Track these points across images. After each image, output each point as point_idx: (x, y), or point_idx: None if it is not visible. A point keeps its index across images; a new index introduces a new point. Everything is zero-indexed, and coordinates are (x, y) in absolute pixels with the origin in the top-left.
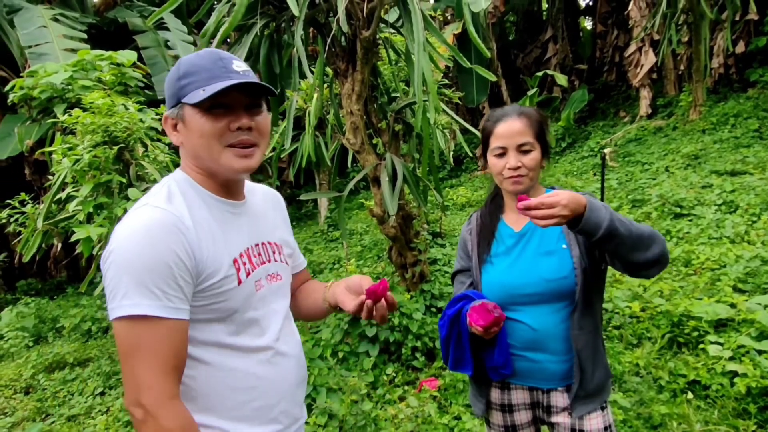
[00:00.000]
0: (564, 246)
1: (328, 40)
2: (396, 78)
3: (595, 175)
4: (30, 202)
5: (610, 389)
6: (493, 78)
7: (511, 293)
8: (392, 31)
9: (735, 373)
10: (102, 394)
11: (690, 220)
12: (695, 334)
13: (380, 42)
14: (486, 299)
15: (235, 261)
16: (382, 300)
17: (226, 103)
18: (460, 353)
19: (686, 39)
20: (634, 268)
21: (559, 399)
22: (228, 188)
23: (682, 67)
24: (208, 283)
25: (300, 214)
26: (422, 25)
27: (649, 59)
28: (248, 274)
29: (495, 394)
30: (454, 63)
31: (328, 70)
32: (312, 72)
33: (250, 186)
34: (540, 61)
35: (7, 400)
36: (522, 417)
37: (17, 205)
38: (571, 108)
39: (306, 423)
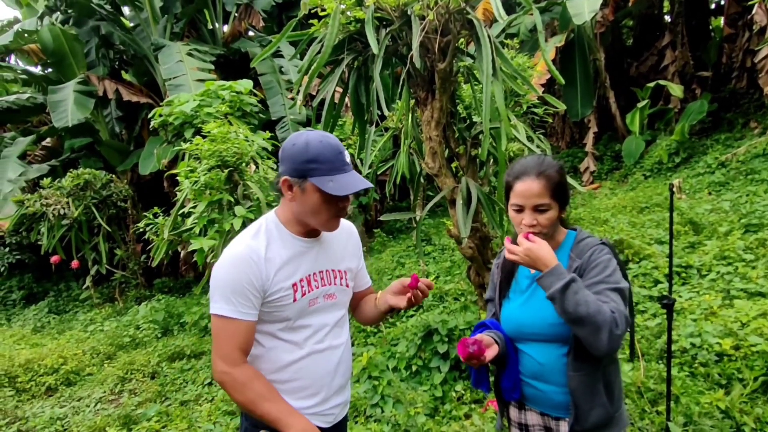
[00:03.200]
0: None
1: (407, 70)
2: (478, 104)
3: (710, 194)
4: (161, 214)
5: (622, 424)
6: (562, 107)
7: (521, 330)
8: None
9: None
10: (210, 384)
11: None
12: None
13: (460, 70)
14: (500, 330)
15: (293, 285)
16: (422, 285)
17: None
18: (479, 373)
19: None
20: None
21: (567, 429)
22: (309, 232)
23: None
24: (271, 298)
25: (395, 228)
26: (491, 57)
27: None
28: (303, 294)
29: (513, 413)
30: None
31: None
32: (391, 101)
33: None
34: (656, 69)
35: (138, 382)
36: None
37: (151, 217)
38: (686, 120)
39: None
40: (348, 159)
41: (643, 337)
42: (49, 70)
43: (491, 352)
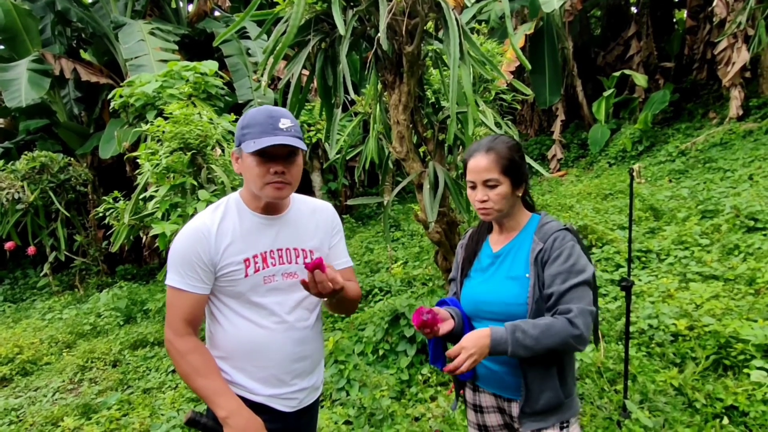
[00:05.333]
0: (527, 275)
1: (374, 53)
2: (446, 88)
3: (670, 181)
4: (122, 198)
5: (574, 410)
6: (529, 93)
7: (477, 308)
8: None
9: None
10: (173, 371)
11: (765, 235)
12: (741, 357)
13: (429, 54)
14: (458, 307)
15: (245, 260)
16: (319, 274)
17: (270, 153)
18: (436, 350)
19: None
20: None
21: (518, 410)
22: (267, 207)
23: None
24: (222, 272)
25: (364, 214)
26: (458, 40)
27: (741, 56)
28: (257, 271)
29: (468, 394)
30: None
31: None
32: (360, 86)
33: (308, 202)
34: (622, 59)
35: (98, 371)
36: (492, 419)
37: (111, 201)
38: (649, 110)
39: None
40: (284, 125)
41: (604, 319)
42: (1, 47)
43: (446, 326)
